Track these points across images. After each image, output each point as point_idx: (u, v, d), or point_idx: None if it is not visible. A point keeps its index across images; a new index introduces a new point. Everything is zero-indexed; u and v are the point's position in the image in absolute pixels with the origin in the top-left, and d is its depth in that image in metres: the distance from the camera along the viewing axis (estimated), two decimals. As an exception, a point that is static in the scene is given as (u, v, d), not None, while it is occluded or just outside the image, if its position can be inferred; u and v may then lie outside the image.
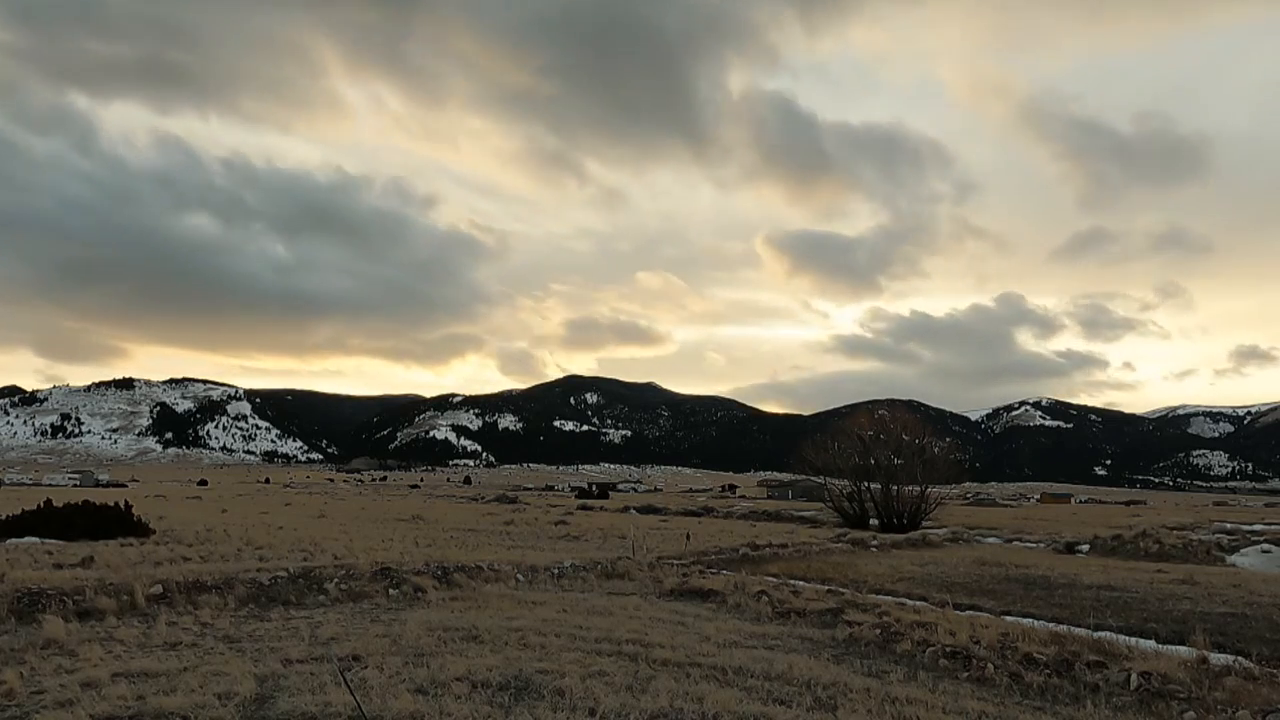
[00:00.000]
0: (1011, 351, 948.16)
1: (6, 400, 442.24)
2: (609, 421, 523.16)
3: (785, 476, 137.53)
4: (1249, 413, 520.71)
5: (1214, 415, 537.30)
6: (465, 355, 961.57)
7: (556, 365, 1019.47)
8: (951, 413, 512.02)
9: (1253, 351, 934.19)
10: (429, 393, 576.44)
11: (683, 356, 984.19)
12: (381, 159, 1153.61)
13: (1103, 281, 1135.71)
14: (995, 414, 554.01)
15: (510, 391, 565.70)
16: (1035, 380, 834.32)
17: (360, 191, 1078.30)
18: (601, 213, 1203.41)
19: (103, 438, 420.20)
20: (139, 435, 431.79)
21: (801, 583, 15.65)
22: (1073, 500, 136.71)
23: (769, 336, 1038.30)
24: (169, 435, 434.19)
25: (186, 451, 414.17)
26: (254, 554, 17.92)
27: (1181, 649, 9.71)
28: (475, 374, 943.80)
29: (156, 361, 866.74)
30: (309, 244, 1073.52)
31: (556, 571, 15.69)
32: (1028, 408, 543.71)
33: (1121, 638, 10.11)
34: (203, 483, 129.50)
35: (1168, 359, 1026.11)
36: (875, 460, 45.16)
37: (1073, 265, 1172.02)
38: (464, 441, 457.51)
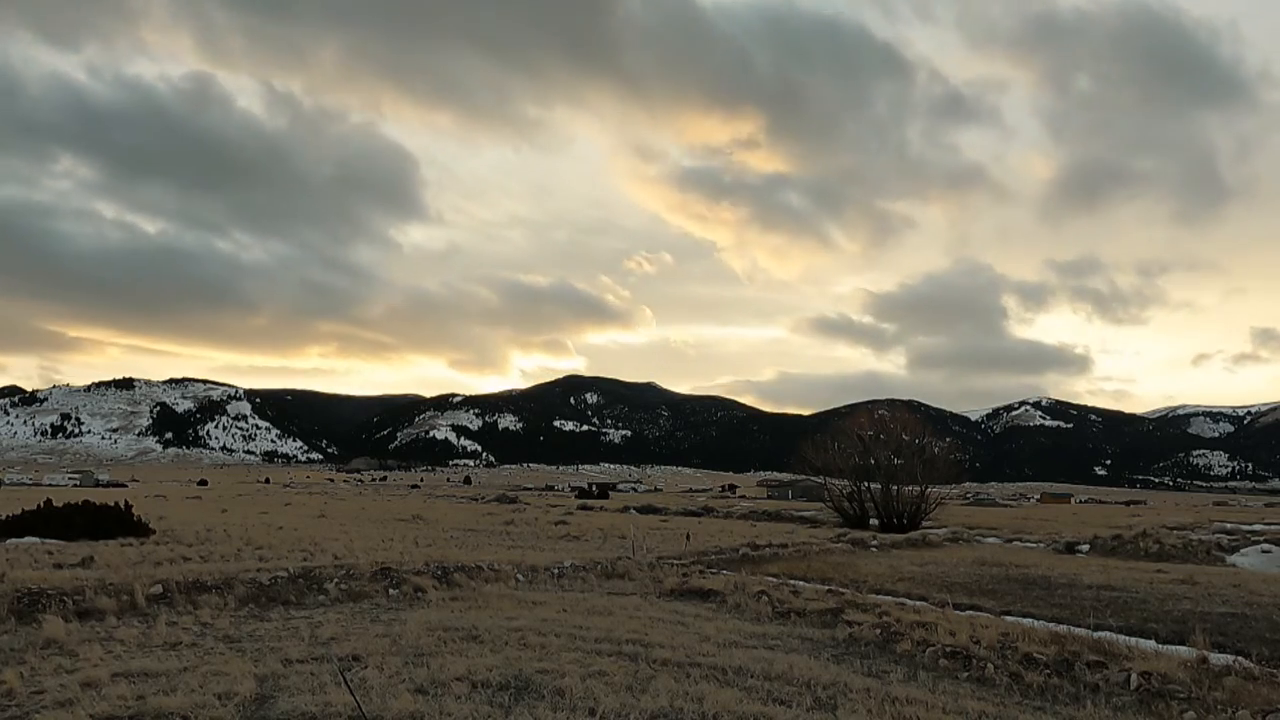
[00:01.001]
0: (1001, 337, 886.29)
1: (6, 400, 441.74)
2: (609, 421, 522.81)
3: (785, 476, 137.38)
4: (1249, 413, 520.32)
5: (1214, 415, 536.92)
6: (429, 350, 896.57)
7: (518, 350, 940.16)
8: (951, 413, 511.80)
9: (1270, 335, 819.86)
10: (427, 392, 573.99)
11: (634, 343, 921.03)
12: (223, 78, 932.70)
13: (1104, 234, 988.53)
14: (995, 414, 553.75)
15: (510, 391, 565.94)
16: (1031, 365, 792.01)
17: (214, 119, 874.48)
18: (505, 149, 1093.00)
19: (103, 438, 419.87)
20: (139, 435, 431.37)
21: (801, 583, 15.63)
22: (1073, 500, 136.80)
23: (728, 335, 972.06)
24: (169, 435, 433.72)
25: (186, 451, 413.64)
26: (254, 554, 17.93)
27: (1181, 649, 9.70)
28: (430, 371, 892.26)
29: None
30: (179, 196, 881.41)
31: (556, 571, 15.68)
32: (1028, 407, 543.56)
33: (1121, 638, 10.10)
34: (203, 483, 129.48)
35: (1182, 335, 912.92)
36: (875, 460, 45.17)
37: (1070, 213, 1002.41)
38: (464, 441, 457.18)
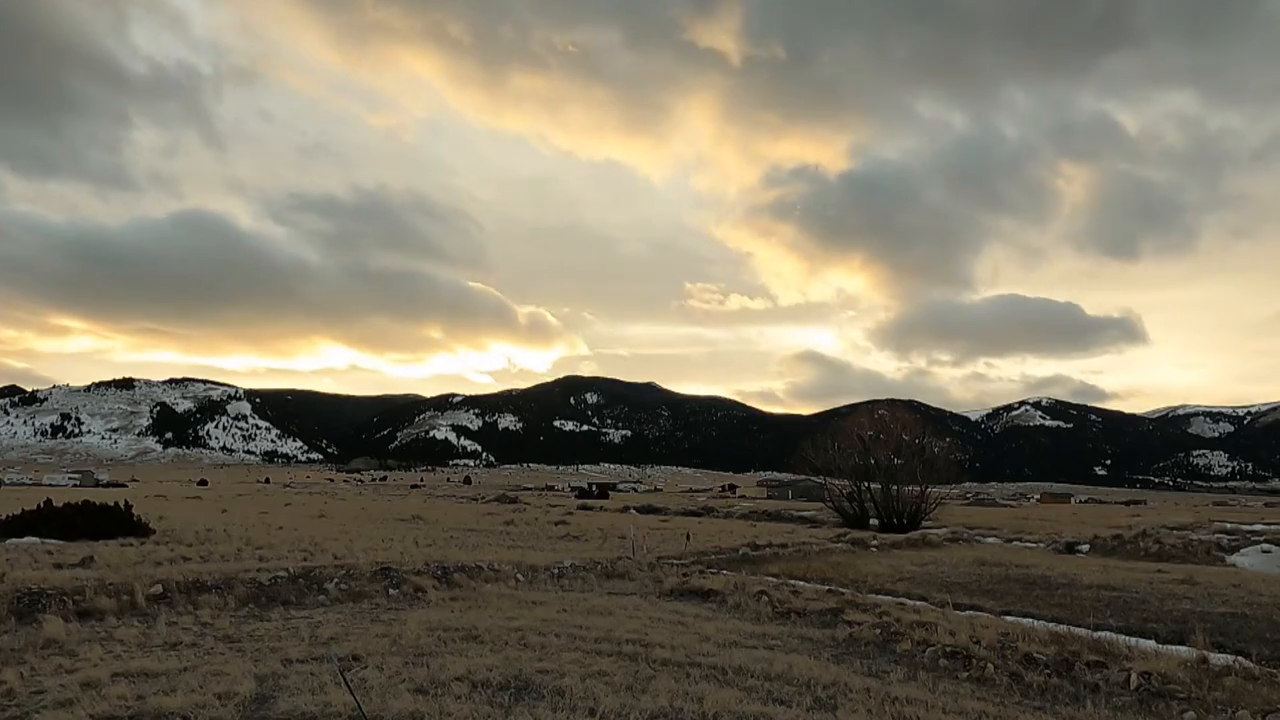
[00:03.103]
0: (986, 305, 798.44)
1: (6, 400, 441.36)
2: (609, 421, 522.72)
3: (785, 476, 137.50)
4: (1249, 413, 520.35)
5: (1214, 415, 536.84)
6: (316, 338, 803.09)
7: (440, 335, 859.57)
8: (951, 413, 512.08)
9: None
10: (426, 390, 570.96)
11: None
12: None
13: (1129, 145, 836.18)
14: (995, 414, 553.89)
15: (510, 391, 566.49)
16: (1025, 339, 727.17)
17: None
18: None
19: (103, 438, 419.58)
20: (139, 435, 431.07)
21: (801, 583, 15.64)
22: (1073, 500, 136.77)
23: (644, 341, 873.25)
24: (169, 435, 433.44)
25: (186, 451, 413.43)
26: (254, 554, 17.91)
27: (1181, 649, 9.71)
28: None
29: None
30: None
31: (556, 571, 15.69)
32: (1028, 408, 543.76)
33: (1121, 638, 10.10)
34: (203, 483, 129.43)
35: (1205, 306, 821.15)
36: (875, 460, 45.12)
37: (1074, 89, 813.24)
38: (464, 441, 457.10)
